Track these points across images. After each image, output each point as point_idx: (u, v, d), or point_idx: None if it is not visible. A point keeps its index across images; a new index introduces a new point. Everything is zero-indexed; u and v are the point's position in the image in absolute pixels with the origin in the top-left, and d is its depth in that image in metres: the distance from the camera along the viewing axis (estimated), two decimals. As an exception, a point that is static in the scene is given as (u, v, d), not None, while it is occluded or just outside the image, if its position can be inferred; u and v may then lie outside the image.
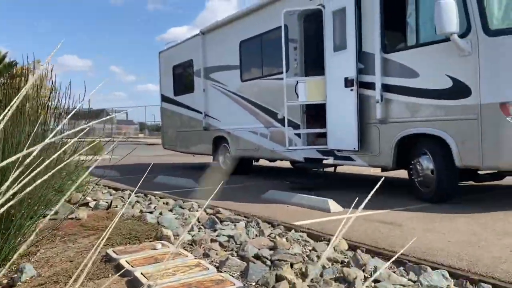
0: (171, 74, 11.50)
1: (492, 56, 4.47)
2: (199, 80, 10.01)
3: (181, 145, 11.26)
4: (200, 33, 9.89)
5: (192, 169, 11.05)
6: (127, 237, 4.01)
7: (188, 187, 7.10)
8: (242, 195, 6.18)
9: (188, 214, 4.91)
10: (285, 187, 6.76)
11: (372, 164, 5.89)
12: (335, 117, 6.26)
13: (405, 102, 5.34)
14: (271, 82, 7.77)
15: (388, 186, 6.64)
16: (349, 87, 5.91)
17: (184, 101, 10.90)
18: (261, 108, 8.08)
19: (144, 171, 11.08)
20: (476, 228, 3.81)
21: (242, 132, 8.64)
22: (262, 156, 8.43)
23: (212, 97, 9.63)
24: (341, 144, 6.18)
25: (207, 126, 9.81)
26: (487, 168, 4.63)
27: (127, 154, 6.12)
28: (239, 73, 8.64)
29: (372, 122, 5.77)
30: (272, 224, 4.20)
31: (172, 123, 11.62)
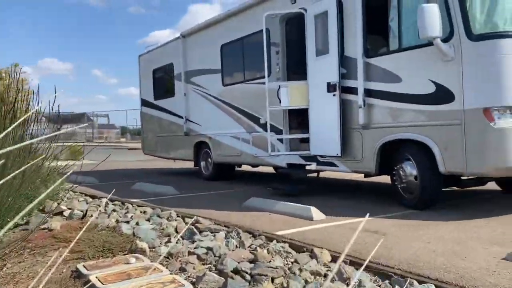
0: (151, 78, 11.27)
1: (475, 61, 4.42)
2: (179, 84, 9.81)
3: (161, 151, 11.02)
4: (180, 36, 9.71)
5: (173, 175, 10.82)
6: (100, 250, 3.80)
7: (168, 195, 6.90)
8: (223, 202, 6.01)
9: (166, 224, 4.71)
10: (268, 193, 6.62)
11: (355, 170, 5.80)
12: (317, 122, 6.15)
13: (388, 107, 5.27)
14: (253, 87, 7.64)
15: (371, 192, 6.57)
16: (332, 92, 5.82)
17: (164, 105, 10.67)
18: (243, 113, 7.93)
19: (124, 177, 10.81)
20: (461, 236, 3.72)
21: (224, 137, 8.48)
22: (244, 162, 8.29)
23: (193, 102, 9.44)
24: (323, 150, 6.08)
25: (188, 131, 9.62)
26: (470, 174, 4.58)
27: (103, 160, 5.90)
28: (220, 77, 8.49)
29: (354, 128, 5.68)
30: (253, 234, 4.04)
31: (152, 127, 11.38)
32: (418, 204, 5.02)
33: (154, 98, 11.17)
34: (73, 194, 7.54)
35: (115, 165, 15.49)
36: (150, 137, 11.60)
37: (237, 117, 8.07)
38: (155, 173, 11.63)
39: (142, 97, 11.83)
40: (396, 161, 5.33)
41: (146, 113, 11.69)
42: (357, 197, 6.14)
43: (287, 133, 6.93)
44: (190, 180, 9.40)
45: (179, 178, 9.98)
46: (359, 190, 6.95)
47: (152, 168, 13.14)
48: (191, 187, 8.02)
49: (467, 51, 4.44)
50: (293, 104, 6.43)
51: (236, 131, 8.08)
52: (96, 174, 11.48)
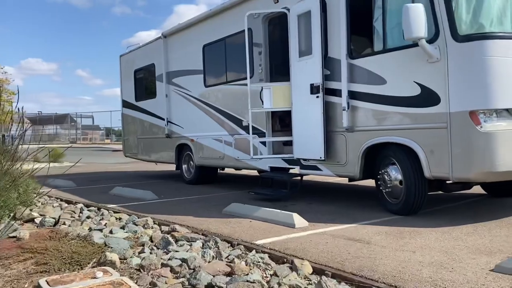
0: (132, 78, 10.98)
1: (461, 63, 4.30)
2: (161, 85, 9.56)
3: (142, 153, 10.74)
4: (162, 36, 9.46)
5: (155, 178, 10.55)
6: (68, 262, 3.56)
7: (146, 200, 6.65)
8: (203, 208, 5.79)
9: (141, 232, 4.48)
10: (250, 198, 6.42)
11: (339, 174, 5.64)
12: (301, 125, 5.98)
13: (372, 109, 5.12)
14: (235, 88, 7.44)
15: (356, 196, 6.42)
16: (315, 93, 5.65)
17: (146, 106, 10.40)
18: (225, 115, 7.73)
19: (104, 180, 10.51)
20: (447, 245, 3.58)
21: (206, 140, 8.26)
22: (227, 165, 8.08)
23: (175, 103, 9.20)
24: (307, 153, 5.91)
25: (169, 133, 9.37)
26: (457, 179, 4.45)
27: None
28: (202, 78, 8.27)
29: (338, 131, 5.52)
30: (231, 244, 3.84)
31: (133, 129, 11.09)
32: (403, 209, 4.88)
33: (135, 99, 10.89)
34: (48, 199, 7.24)
35: (96, 167, 15.14)
36: (131, 139, 11.30)
37: (219, 119, 7.86)
38: (136, 176, 11.34)
39: (124, 98, 11.53)
40: (380, 165, 5.19)
41: (127, 114, 11.40)
42: (342, 201, 5.98)
43: (270, 136, 6.75)
44: (171, 184, 9.15)
45: (161, 181, 9.72)
46: (344, 194, 6.80)
47: (134, 171, 12.83)
48: (171, 191, 7.78)
49: (453, 53, 4.31)
50: (276, 106, 6.25)
51: (219, 134, 7.87)
52: (75, 177, 11.15)
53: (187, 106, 8.74)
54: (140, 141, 10.80)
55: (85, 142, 49.08)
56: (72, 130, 53.85)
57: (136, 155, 11.11)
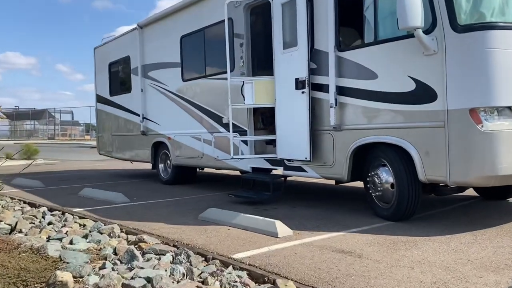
0: (107, 72, 10.38)
1: (460, 55, 3.91)
2: (136, 79, 9.00)
3: (117, 151, 10.16)
4: (137, 26, 8.89)
5: (130, 177, 9.98)
6: (13, 282, 3.05)
7: (117, 203, 6.12)
8: (178, 213, 5.31)
9: (105, 242, 3.98)
10: (229, 201, 5.96)
11: (325, 176, 5.22)
12: (285, 122, 5.54)
13: (362, 106, 4.71)
14: (215, 82, 6.96)
15: (344, 198, 6.01)
16: (300, 89, 5.21)
17: (120, 102, 9.82)
18: (204, 111, 7.24)
19: (76, 179, 9.90)
20: (448, 259, 3.19)
21: (184, 138, 7.76)
22: (206, 165, 7.59)
23: (150, 98, 8.66)
24: (291, 153, 5.47)
25: (145, 130, 8.82)
26: (454, 184, 4.08)
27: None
28: (180, 72, 7.75)
29: (325, 129, 5.10)
30: (206, 258, 3.38)
31: (107, 126, 10.50)
32: (395, 214, 4.50)
33: (110, 94, 10.29)
34: (9, 201, 6.64)
35: (71, 165, 14.46)
36: (105, 136, 10.71)
37: (198, 116, 7.37)
38: (112, 175, 10.76)
39: (98, 93, 10.92)
40: (370, 167, 4.79)
41: (101, 110, 10.79)
42: (328, 204, 5.58)
43: (251, 134, 6.29)
44: (146, 184, 8.62)
45: (136, 181, 9.17)
46: (330, 196, 6.40)
47: (110, 170, 12.23)
48: (145, 193, 7.26)
49: (452, 44, 3.93)
50: (258, 102, 5.79)
51: (197, 131, 7.38)
52: (45, 176, 10.52)
53: (164, 102, 8.21)
54: (114, 138, 10.22)
55: (64, 138, 47.77)
56: (50, 125, 52.45)
57: (110, 153, 10.52)
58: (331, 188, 7.06)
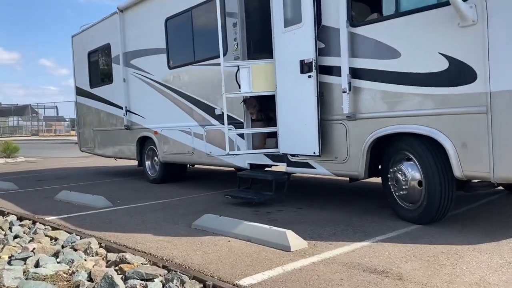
0: (86, 62, 9.52)
1: (507, 26, 3.23)
2: (118, 68, 8.18)
3: (99, 147, 9.35)
4: (118, 10, 8.05)
5: (116, 175, 9.19)
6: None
7: (97, 208, 5.36)
8: (167, 219, 4.58)
9: (79, 263, 3.24)
10: (225, 203, 5.25)
11: (337, 172, 4.53)
12: (288, 112, 4.83)
13: (382, 91, 4.02)
14: (205, 69, 6.20)
15: (354, 196, 5.33)
16: (306, 72, 4.49)
17: (101, 94, 8.99)
18: (194, 102, 6.48)
19: (55, 180, 9.08)
20: (509, 278, 2.53)
21: (173, 132, 7.00)
22: (197, 162, 6.84)
23: (134, 89, 7.86)
24: (296, 148, 4.77)
25: (129, 124, 8.03)
26: (500, 180, 3.42)
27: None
28: (166, 58, 6.97)
29: (337, 119, 4.40)
30: (205, 285, 2.67)
31: (88, 120, 9.67)
32: (424, 217, 3.84)
33: (90, 86, 9.44)
34: (-25, 209, 5.84)
35: (52, 163, 13.61)
36: (86, 132, 9.87)
37: (187, 107, 6.61)
38: (95, 173, 9.95)
39: (77, 85, 10.06)
40: (391, 161, 4.12)
41: (81, 103, 9.94)
42: (340, 205, 4.90)
43: (249, 127, 5.56)
44: (132, 183, 7.85)
45: (122, 180, 8.40)
46: (340, 194, 5.73)
47: (94, 167, 11.41)
48: (130, 194, 6.50)
49: (496, 12, 3.24)
50: (256, 89, 5.06)
51: (187, 125, 6.63)
52: (22, 176, 9.68)
53: (149, 92, 7.43)
54: (96, 133, 9.40)
55: (48, 134, 46.47)
56: (34, 121, 51.04)
57: (92, 149, 9.70)
58: (337, 182, 6.39)
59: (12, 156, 17.43)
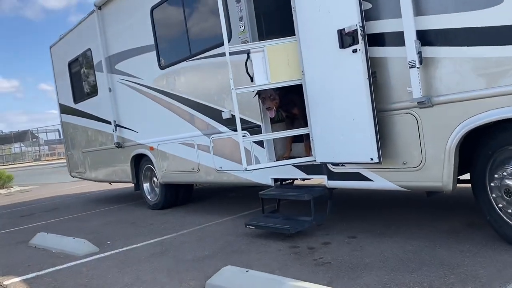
0: (67, 74, 8.24)
1: None
2: (102, 76, 6.89)
3: (90, 171, 8.04)
4: (95, 7, 6.76)
5: (112, 202, 7.85)
6: None
7: (78, 256, 4.02)
8: (170, 273, 3.23)
9: None
10: (246, 235, 3.91)
11: (408, 185, 3.17)
12: (324, 105, 3.49)
13: (474, 58, 2.67)
14: (205, 63, 4.88)
15: (408, 205, 3.93)
16: (349, 46, 3.16)
17: (87, 109, 7.70)
18: (195, 106, 5.16)
19: (43, 212, 7.77)
20: None
21: (171, 146, 5.68)
22: (205, 181, 5.46)
23: (122, 99, 6.56)
24: (341, 154, 3.42)
25: (120, 142, 6.72)
26: None
27: None
28: (155, 57, 5.66)
29: (401, 107, 3.06)
30: None
31: (76, 141, 8.37)
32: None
33: (74, 101, 8.15)
34: None
35: (47, 191, 12.36)
36: (75, 155, 8.57)
37: (186, 114, 5.29)
38: (89, 201, 8.65)
39: (60, 101, 8.76)
40: (492, 162, 2.77)
41: (67, 122, 8.65)
42: (407, 224, 3.57)
43: (268, 130, 4.23)
44: (130, 211, 6.53)
45: (117, 208, 7.08)
46: (392, 204, 4.37)
47: (89, 193, 10.12)
48: (125, 228, 5.18)
49: None
50: (276, 79, 3.73)
51: (188, 135, 5.31)
52: (4, 212, 8.39)
53: (139, 101, 6.12)
54: (86, 155, 8.09)
55: (51, 158, 45.44)
56: (35, 147, 50.14)
57: (83, 174, 8.39)
58: (402, 196, 5.00)
59: (6, 186, 16.23)
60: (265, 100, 3.90)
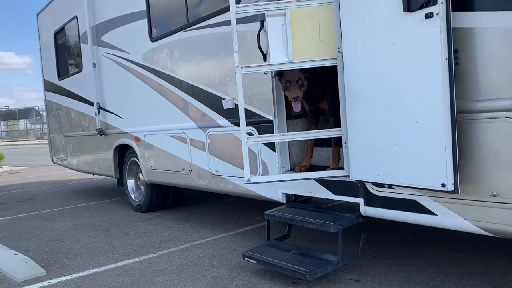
0: (53, 46, 7.18)
1: None
2: (87, 49, 5.81)
3: (72, 159, 7.00)
4: (82, -34, 5.67)
5: (96, 196, 6.78)
6: None
7: (14, 282, 2.98)
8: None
9: None
10: (251, 272, 2.84)
11: (499, 229, 2.06)
12: (370, 99, 2.38)
13: None
14: (206, 34, 3.79)
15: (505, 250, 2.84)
16: (421, 8, 2.04)
17: (70, 87, 6.65)
18: (190, 91, 4.08)
19: (17, 203, 6.72)
20: None
21: (160, 138, 4.61)
22: (197, 185, 4.34)
23: (107, 77, 5.49)
24: (392, 172, 2.31)
25: (103, 128, 5.67)
26: None
27: None
28: (146, 26, 4.57)
29: (496, 109, 1.95)
30: None
31: (59, 123, 7.34)
32: None
33: (58, 77, 7.10)
34: None
35: (35, 173, 11.42)
36: (57, 138, 7.54)
37: (179, 100, 4.21)
38: (72, 191, 7.64)
39: (45, 77, 7.72)
40: None
41: (51, 101, 7.62)
42: (484, 278, 2.47)
43: (283, 129, 3.13)
44: (110, 211, 5.49)
45: (97, 205, 6.04)
46: (462, 243, 3.28)
47: (76, 181, 9.12)
48: (94, 239, 4.13)
49: None
50: (299, 56, 2.62)
51: (180, 127, 4.23)
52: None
53: (126, 80, 5.05)
54: (68, 140, 7.06)
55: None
56: (39, 124, 49.51)
57: (64, 161, 7.36)
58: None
59: (-4, 166, 15.33)
60: (290, 86, 2.78)
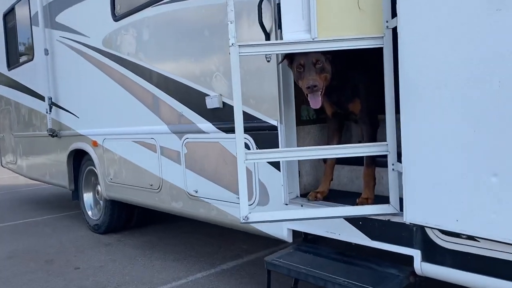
0: (2, 30, 6.08)
1: None
2: (38, 32, 4.77)
3: (21, 164, 5.92)
4: None
5: (55, 207, 5.70)
6: None
7: None
8: None
9: None
10: None
11: None
12: (445, 102, 1.50)
13: None
14: (186, 8, 2.85)
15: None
16: None
17: (20, 78, 5.57)
18: (162, 84, 3.12)
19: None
20: None
21: (122, 144, 3.64)
22: (168, 208, 3.36)
23: (62, 66, 4.47)
24: (484, 219, 1.44)
25: (56, 129, 4.64)
26: None
27: None
28: (109, 2, 3.59)
29: None
30: None
31: (8, 121, 6.23)
32: None
33: (7, 67, 6.01)
34: None
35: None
36: (7, 138, 6.43)
37: (148, 95, 3.25)
38: (26, 199, 6.54)
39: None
40: None
41: (0, 95, 6.51)
42: None
43: (293, 143, 2.22)
44: (60, 230, 4.46)
45: (51, 220, 5.00)
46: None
47: (32, 186, 7.97)
48: (28, 274, 3.12)
49: None
50: (327, 33, 1.73)
51: (148, 130, 3.28)
52: None
53: (83, 70, 4.05)
54: (18, 141, 5.97)
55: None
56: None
57: (14, 165, 6.26)
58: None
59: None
60: (303, 72, 1.85)
